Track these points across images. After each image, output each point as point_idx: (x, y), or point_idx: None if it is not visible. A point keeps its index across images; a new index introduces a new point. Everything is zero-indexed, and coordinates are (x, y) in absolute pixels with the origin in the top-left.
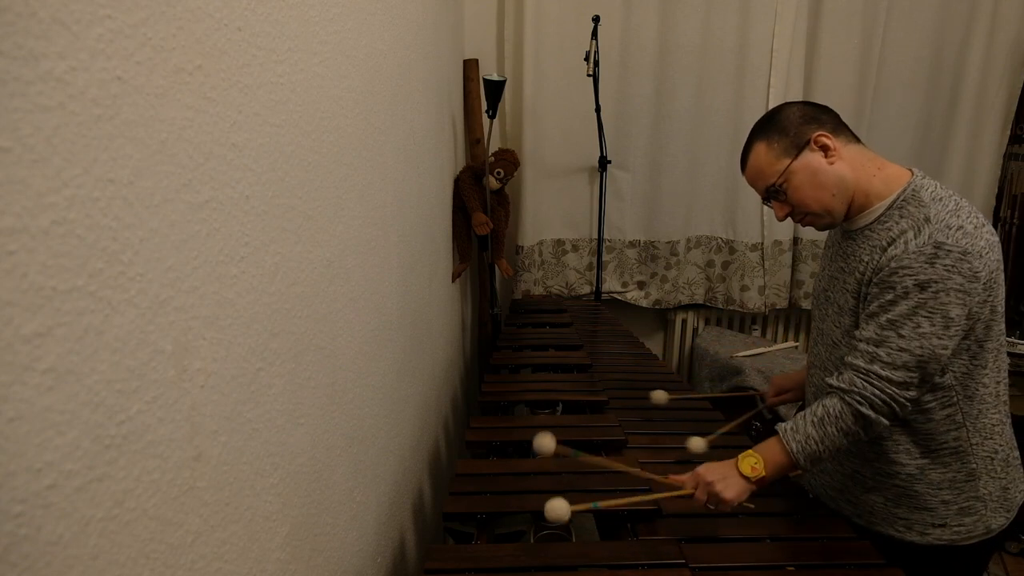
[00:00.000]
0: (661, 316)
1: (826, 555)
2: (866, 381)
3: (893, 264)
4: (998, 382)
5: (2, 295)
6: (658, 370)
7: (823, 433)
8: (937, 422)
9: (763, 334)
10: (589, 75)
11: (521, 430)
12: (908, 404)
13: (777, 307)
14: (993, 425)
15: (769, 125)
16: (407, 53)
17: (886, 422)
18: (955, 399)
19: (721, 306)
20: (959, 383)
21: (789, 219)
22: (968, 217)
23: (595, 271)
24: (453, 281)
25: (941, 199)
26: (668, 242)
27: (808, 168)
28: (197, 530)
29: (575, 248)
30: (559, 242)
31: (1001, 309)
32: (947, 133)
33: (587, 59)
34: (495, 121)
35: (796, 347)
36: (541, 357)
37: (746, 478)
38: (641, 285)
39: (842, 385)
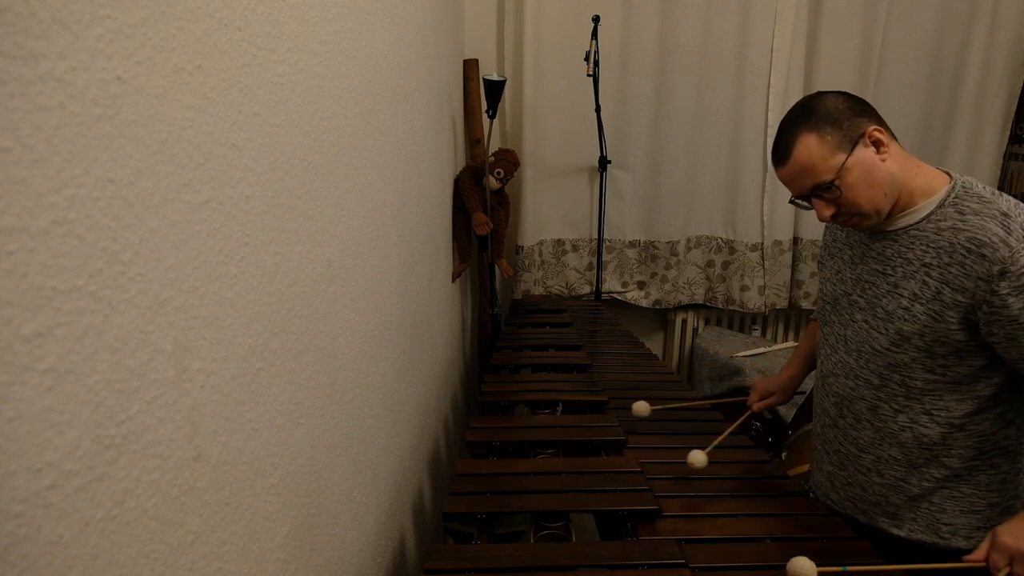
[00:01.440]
0: (661, 316)
1: (826, 555)
2: None
3: (1014, 268)
4: None
5: (2, 295)
6: (658, 370)
7: None
8: (991, 421)
9: (763, 334)
10: (589, 75)
11: (521, 430)
12: None
13: (777, 307)
14: None
15: (816, 115)
16: (407, 53)
17: None
18: (1005, 396)
19: (721, 306)
20: (1007, 379)
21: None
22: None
23: (595, 271)
24: (453, 281)
25: (998, 193)
26: (668, 242)
27: (863, 165)
28: (197, 530)
29: (575, 248)
30: (559, 242)
31: None
32: (947, 133)
33: (587, 59)
34: (495, 121)
35: (796, 347)
36: (541, 357)
37: None
38: (641, 285)
39: None
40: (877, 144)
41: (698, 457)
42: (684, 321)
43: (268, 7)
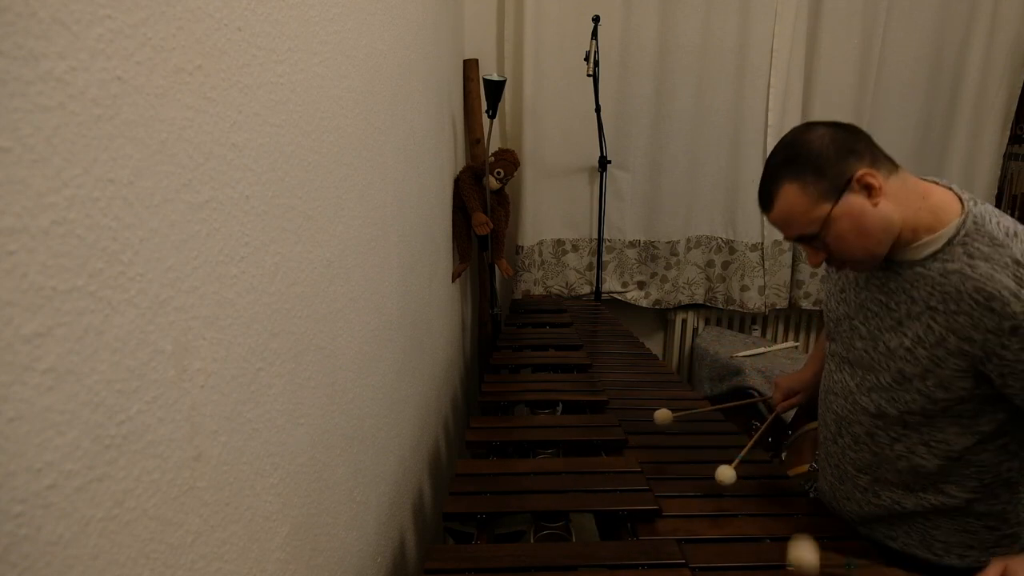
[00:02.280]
0: (661, 316)
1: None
2: None
3: (1020, 320)
4: None
5: (2, 295)
6: (658, 370)
7: None
8: (992, 452)
9: (763, 334)
10: (589, 75)
11: (521, 430)
12: None
13: (777, 307)
14: None
15: (799, 160)
16: (407, 53)
17: None
18: (1008, 428)
19: (721, 306)
20: (1010, 413)
21: None
22: None
23: (595, 271)
24: (453, 281)
25: (1016, 234)
26: (668, 242)
27: (851, 214)
28: (197, 530)
29: (575, 248)
30: (559, 242)
31: None
32: (947, 133)
33: (587, 59)
34: (495, 121)
35: (796, 347)
36: (541, 357)
37: None
38: (641, 285)
39: None
40: (868, 188)
41: (727, 473)
42: (684, 321)
43: (268, 7)
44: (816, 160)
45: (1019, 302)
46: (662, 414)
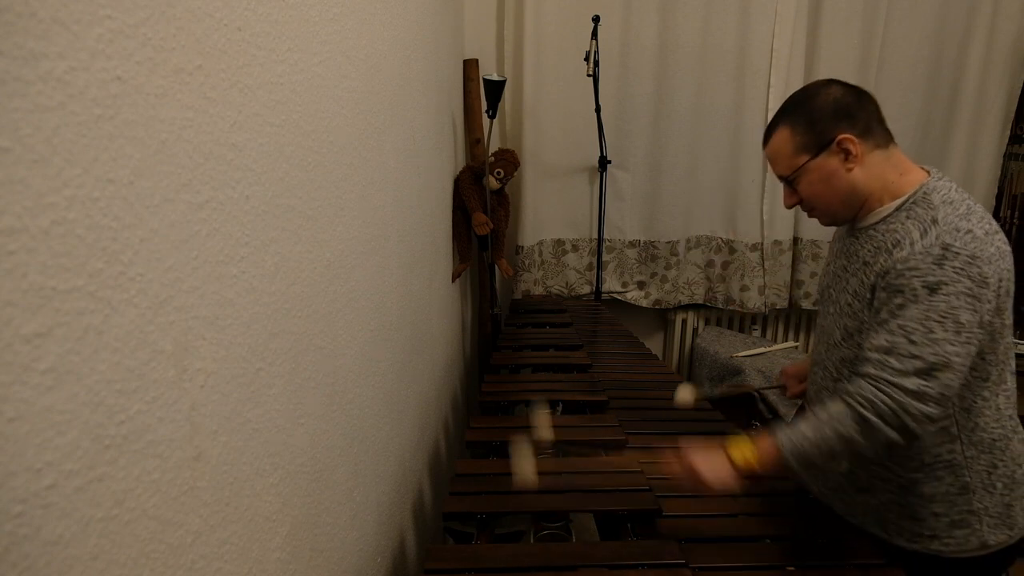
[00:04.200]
0: (661, 316)
1: (826, 555)
2: (875, 386)
3: (899, 266)
4: (999, 395)
5: (2, 295)
6: (658, 370)
7: (819, 435)
8: (931, 434)
9: (763, 334)
10: (589, 75)
11: (521, 430)
12: (925, 418)
13: (777, 307)
14: (994, 440)
15: (800, 109)
16: (407, 53)
17: (894, 435)
18: (950, 411)
19: (721, 306)
20: (955, 394)
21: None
22: (979, 222)
23: (595, 271)
24: (453, 281)
25: (952, 202)
26: (668, 242)
27: (823, 171)
28: (197, 530)
29: (575, 248)
30: (559, 242)
31: (1009, 322)
32: (947, 133)
33: (587, 59)
34: (495, 121)
35: (796, 347)
36: (541, 357)
37: (735, 466)
38: (641, 285)
39: (849, 388)
40: (846, 153)
41: (685, 393)
42: (684, 321)
43: (268, 7)
44: (811, 114)
45: (910, 249)
46: (683, 394)
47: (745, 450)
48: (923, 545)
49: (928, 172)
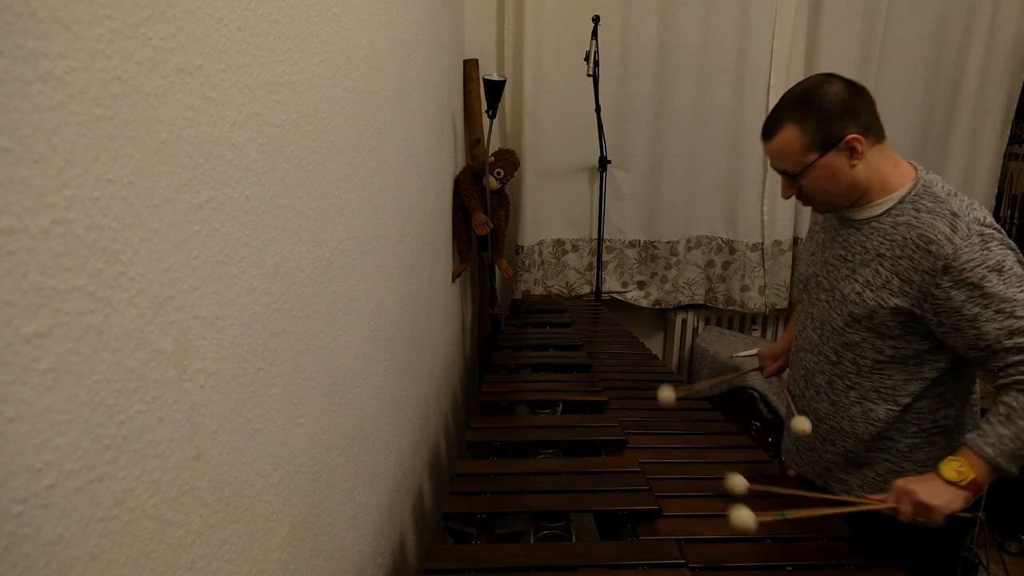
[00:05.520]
0: (661, 316)
1: (826, 555)
2: None
3: (955, 264)
4: None
5: (2, 295)
6: (658, 370)
7: (1017, 429)
8: (931, 400)
9: (763, 334)
10: (589, 75)
11: (521, 430)
12: None
13: (777, 307)
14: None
15: (809, 106)
16: (407, 53)
17: None
18: (946, 378)
19: (721, 306)
20: (949, 362)
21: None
22: (979, 208)
23: (595, 271)
24: (453, 281)
25: (955, 194)
26: (668, 242)
27: (829, 167)
28: (197, 530)
29: (575, 248)
30: (559, 242)
31: None
32: (947, 133)
33: (587, 59)
34: (495, 121)
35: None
36: (541, 357)
37: (952, 483)
38: (641, 285)
39: (1019, 377)
40: (852, 151)
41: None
42: (684, 321)
43: (268, 7)
44: (822, 112)
45: (951, 244)
46: (665, 393)
47: (958, 465)
48: None
49: (914, 167)
